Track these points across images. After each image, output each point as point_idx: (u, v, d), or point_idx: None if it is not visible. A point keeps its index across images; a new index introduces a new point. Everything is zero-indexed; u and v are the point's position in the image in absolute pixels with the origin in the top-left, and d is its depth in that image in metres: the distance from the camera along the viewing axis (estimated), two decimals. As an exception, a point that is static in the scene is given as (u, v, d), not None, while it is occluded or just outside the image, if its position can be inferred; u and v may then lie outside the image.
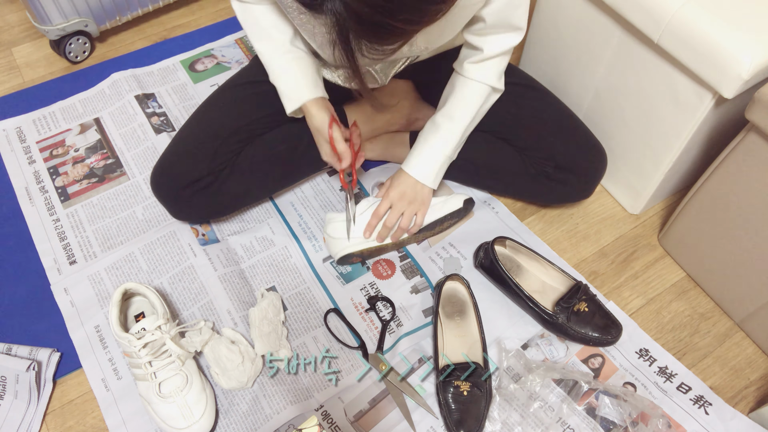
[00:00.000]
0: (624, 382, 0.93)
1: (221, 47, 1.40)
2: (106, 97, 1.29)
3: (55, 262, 1.04)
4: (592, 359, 0.95)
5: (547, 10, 1.14)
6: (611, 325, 0.94)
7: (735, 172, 0.89)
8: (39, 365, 0.90)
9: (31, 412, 0.88)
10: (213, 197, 0.98)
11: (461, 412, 0.85)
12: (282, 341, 0.93)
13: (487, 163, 1.06)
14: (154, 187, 0.98)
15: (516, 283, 0.97)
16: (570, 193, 1.05)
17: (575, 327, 0.93)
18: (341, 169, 0.94)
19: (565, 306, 0.94)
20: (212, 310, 0.98)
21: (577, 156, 1.00)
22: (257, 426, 0.87)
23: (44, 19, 1.26)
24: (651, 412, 0.85)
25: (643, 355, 0.96)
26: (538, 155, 1.01)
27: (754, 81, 0.83)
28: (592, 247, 1.10)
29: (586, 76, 1.10)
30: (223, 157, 0.96)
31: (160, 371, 0.85)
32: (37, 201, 1.12)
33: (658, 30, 0.88)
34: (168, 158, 0.97)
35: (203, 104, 1.02)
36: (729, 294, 1.00)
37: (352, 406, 0.89)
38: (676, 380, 0.94)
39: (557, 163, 1.00)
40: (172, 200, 0.98)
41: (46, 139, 1.22)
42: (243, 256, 1.05)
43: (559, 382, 0.89)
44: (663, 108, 0.97)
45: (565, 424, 0.87)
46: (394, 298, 1.01)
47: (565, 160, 1.00)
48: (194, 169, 0.95)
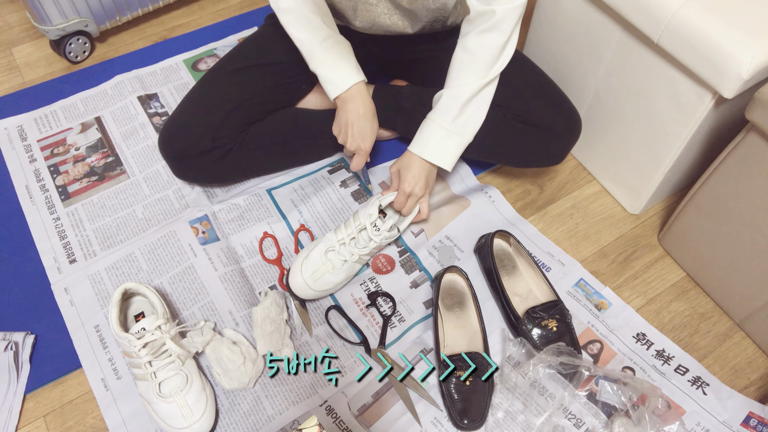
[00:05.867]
0: (623, 367, 0.94)
1: (224, 47, 1.40)
2: (108, 96, 1.29)
3: (55, 260, 1.04)
4: (590, 345, 0.96)
5: (547, 10, 1.14)
6: (573, 354, 0.92)
7: (735, 172, 0.90)
8: (16, 345, 0.92)
9: (12, 391, 0.89)
10: (218, 167, 1.04)
11: (464, 402, 0.86)
12: (285, 340, 0.93)
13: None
14: (161, 149, 1.03)
15: (499, 278, 0.97)
16: (541, 152, 1.04)
17: (537, 341, 0.92)
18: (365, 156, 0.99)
19: (534, 316, 0.93)
20: (213, 310, 0.98)
21: (551, 114, 1.00)
22: (259, 426, 0.87)
23: (44, 19, 1.26)
24: (651, 394, 0.86)
25: (640, 339, 0.97)
26: (512, 109, 1.00)
27: (754, 81, 0.83)
28: (592, 247, 1.10)
29: (586, 76, 1.10)
30: (227, 131, 1.00)
31: (160, 371, 0.85)
32: (37, 199, 1.12)
33: (658, 30, 0.89)
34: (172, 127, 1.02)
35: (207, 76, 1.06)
36: (729, 294, 1.00)
37: (356, 400, 0.90)
38: (673, 362, 0.95)
39: (531, 119, 0.99)
40: (177, 162, 1.04)
41: (47, 137, 1.22)
42: (243, 255, 1.05)
43: (559, 369, 0.89)
44: (663, 108, 0.97)
45: (566, 411, 0.87)
46: (394, 292, 1.01)
47: (539, 117, 0.99)
48: (199, 142, 0.99)
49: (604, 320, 0.99)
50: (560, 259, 1.07)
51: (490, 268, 0.99)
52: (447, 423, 0.88)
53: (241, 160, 1.05)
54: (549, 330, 0.92)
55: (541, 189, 1.18)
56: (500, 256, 1.02)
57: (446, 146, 0.95)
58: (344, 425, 0.87)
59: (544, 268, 1.06)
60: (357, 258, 0.97)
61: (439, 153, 0.95)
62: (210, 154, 1.01)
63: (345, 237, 0.96)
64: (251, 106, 1.04)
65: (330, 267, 0.95)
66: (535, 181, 1.19)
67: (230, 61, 1.06)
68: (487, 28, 0.88)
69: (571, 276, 1.05)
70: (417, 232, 1.09)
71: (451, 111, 0.92)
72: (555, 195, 1.17)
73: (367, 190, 1.15)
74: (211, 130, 0.99)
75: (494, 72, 0.91)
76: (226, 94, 1.02)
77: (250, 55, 1.06)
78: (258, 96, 1.04)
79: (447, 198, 1.15)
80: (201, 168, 1.04)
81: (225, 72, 1.05)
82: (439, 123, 0.93)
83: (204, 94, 1.03)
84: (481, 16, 0.88)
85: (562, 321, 0.93)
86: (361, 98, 0.94)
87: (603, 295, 1.02)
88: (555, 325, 0.93)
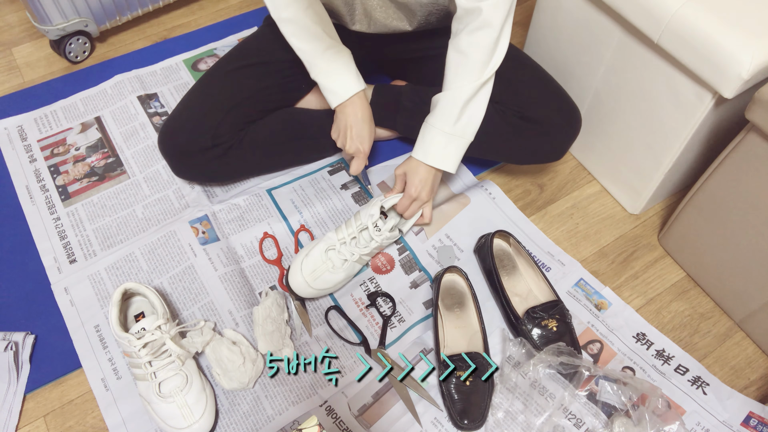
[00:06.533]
0: (623, 367, 0.94)
1: (224, 47, 1.40)
2: (108, 96, 1.29)
3: (56, 260, 1.04)
4: (590, 345, 0.96)
5: (547, 10, 1.14)
6: (573, 354, 0.92)
7: (735, 172, 0.90)
8: (16, 345, 0.92)
9: (12, 391, 0.89)
10: (218, 166, 1.04)
11: (464, 402, 0.86)
12: (285, 340, 0.93)
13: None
14: (161, 146, 1.03)
15: (499, 278, 0.98)
16: (542, 148, 1.04)
17: (537, 341, 0.92)
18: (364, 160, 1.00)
19: (534, 316, 0.93)
20: (213, 310, 0.98)
21: (551, 110, 1.00)
22: (259, 426, 0.87)
23: (44, 19, 1.26)
24: (651, 394, 0.86)
25: (640, 339, 0.97)
26: (511, 106, 1.00)
27: (754, 81, 0.83)
28: (592, 247, 1.10)
29: (586, 76, 1.10)
30: (227, 129, 1.00)
31: (160, 371, 0.85)
32: (37, 199, 1.12)
33: (658, 30, 0.89)
34: (172, 125, 1.02)
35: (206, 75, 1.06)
36: (729, 294, 1.00)
37: (356, 400, 0.90)
38: (673, 362, 0.95)
39: (530, 115, 1.00)
40: (176, 159, 1.04)
41: (47, 137, 1.22)
42: (243, 255, 1.05)
43: (559, 369, 0.89)
44: (663, 108, 0.97)
45: (567, 411, 0.87)
46: (394, 293, 1.01)
47: (539, 113, 1.00)
48: (198, 139, 1.00)
49: (604, 320, 0.99)
50: (560, 259, 1.07)
51: (490, 268, 0.99)
52: (447, 423, 0.88)
53: (240, 159, 1.06)
54: (549, 330, 0.92)
55: (541, 189, 1.18)
56: (500, 256, 1.02)
57: (449, 151, 0.95)
58: (344, 425, 0.87)
59: (544, 268, 1.06)
60: (357, 258, 0.97)
61: (443, 158, 0.95)
62: (209, 152, 1.01)
63: (346, 236, 0.96)
64: (251, 105, 1.04)
65: (330, 266, 0.95)
66: (535, 181, 1.19)
67: (230, 60, 1.07)
68: (476, 26, 0.87)
69: (571, 276, 1.05)
70: (417, 231, 1.09)
71: (451, 115, 0.92)
72: (555, 195, 1.17)
73: (368, 192, 1.15)
74: (211, 128, 0.99)
75: (490, 71, 0.91)
76: (226, 92, 1.02)
77: (250, 54, 1.07)
78: (258, 94, 1.04)
79: (446, 196, 1.15)
80: (200, 166, 1.04)
81: (225, 71, 1.05)
82: (440, 128, 0.93)
83: (204, 93, 1.03)
84: (469, 14, 0.87)
85: (562, 321, 0.93)
86: (360, 103, 0.96)
87: (603, 295, 1.02)
88: (555, 325, 0.92)
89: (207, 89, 1.04)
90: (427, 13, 0.96)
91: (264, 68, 1.05)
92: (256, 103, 1.05)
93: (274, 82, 1.06)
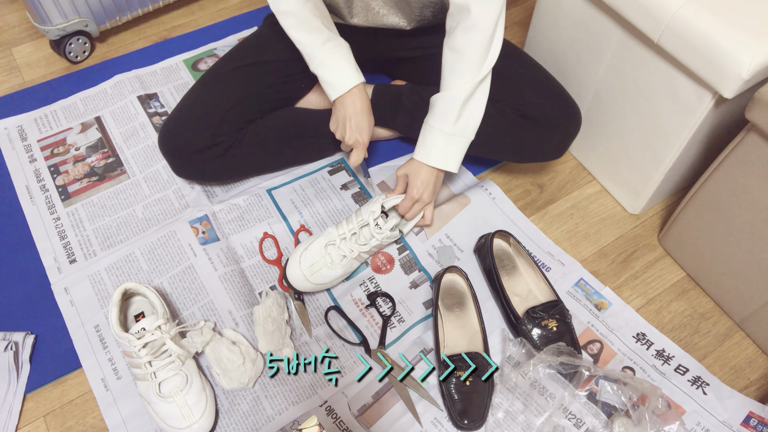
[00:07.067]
0: (623, 367, 0.94)
1: (224, 47, 1.40)
2: (108, 96, 1.29)
3: (56, 260, 1.04)
4: (590, 345, 0.96)
5: (547, 10, 1.14)
6: (573, 354, 0.92)
7: (735, 172, 0.90)
8: (16, 345, 0.92)
9: (12, 391, 0.89)
10: (218, 165, 1.04)
11: (464, 402, 0.86)
12: (285, 340, 0.93)
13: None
14: (161, 145, 1.03)
15: (499, 278, 0.97)
16: (542, 145, 1.04)
17: (537, 341, 0.92)
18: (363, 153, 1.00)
19: (534, 316, 0.93)
20: (213, 310, 0.98)
21: (550, 107, 1.00)
22: (259, 426, 0.87)
23: (44, 19, 1.26)
24: (651, 394, 0.86)
25: (640, 339, 0.97)
26: (511, 104, 1.00)
27: (754, 81, 0.83)
28: (592, 247, 1.10)
29: (586, 76, 1.10)
30: (227, 128, 1.01)
31: (160, 371, 0.85)
32: (37, 199, 1.12)
33: (658, 30, 0.89)
34: (172, 124, 1.02)
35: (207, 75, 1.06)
36: (729, 294, 1.00)
37: (356, 400, 0.90)
38: (673, 362, 0.95)
39: (530, 113, 1.00)
40: (176, 158, 1.03)
41: (47, 137, 1.22)
42: (243, 255, 1.05)
43: (559, 369, 0.89)
44: (663, 108, 0.97)
45: (567, 411, 0.87)
46: (393, 293, 1.01)
47: (538, 111, 1.00)
48: (198, 138, 1.00)
49: (604, 320, 0.99)
50: (560, 259, 1.07)
51: (490, 268, 0.99)
52: (447, 423, 0.88)
53: (240, 158, 1.06)
54: (549, 330, 0.92)
55: (541, 189, 1.18)
56: (500, 256, 1.02)
57: (451, 151, 0.95)
58: (344, 425, 0.87)
59: (544, 268, 1.06)
60: (356, 254, 0.97)
61: (445, 158, 0.95)
62: (209, 151, 1.01)
63: (346, 232, 0.96)
64: (251, 104, 1.04)
65: (329, 261, 0.95)
66: (535, 181, 1.19)
67: (230, 60, 1.07)
68: (469, 24, 0.87)
69: (571, 276, 1.05)
70: (417, 231, 1.09)
71: (451, 115, 0.92)
72: (555, 195, 1.17)
73: (367, 192, 1.15)
74: (211, 127, 1.00)
75: (486, 68, 0.91)
76: (226, 91, 1.02)
77: (250, 54, 1.07)
78: (258, 93, 1.05)
79: (447, 196, 1.15)
80: (200, 165, 1.04)
81: (225, 70, 1.05)
82: (440, 128, 0.93)
83: (204, 92, 1.03)
84: (461, 10, 0.87)
85: (562, 321, 0.93)
86: (358, 95, 0.95)
87: (603, 295, 1.02)
88: (555, 325, 0.92)
89: (207, 89, 1.04)
90: (422, 6, 0.97)
91: (264, 68, 1.05)
92: (256, 103, 1.05)
93: (274, 81, 1.06)
